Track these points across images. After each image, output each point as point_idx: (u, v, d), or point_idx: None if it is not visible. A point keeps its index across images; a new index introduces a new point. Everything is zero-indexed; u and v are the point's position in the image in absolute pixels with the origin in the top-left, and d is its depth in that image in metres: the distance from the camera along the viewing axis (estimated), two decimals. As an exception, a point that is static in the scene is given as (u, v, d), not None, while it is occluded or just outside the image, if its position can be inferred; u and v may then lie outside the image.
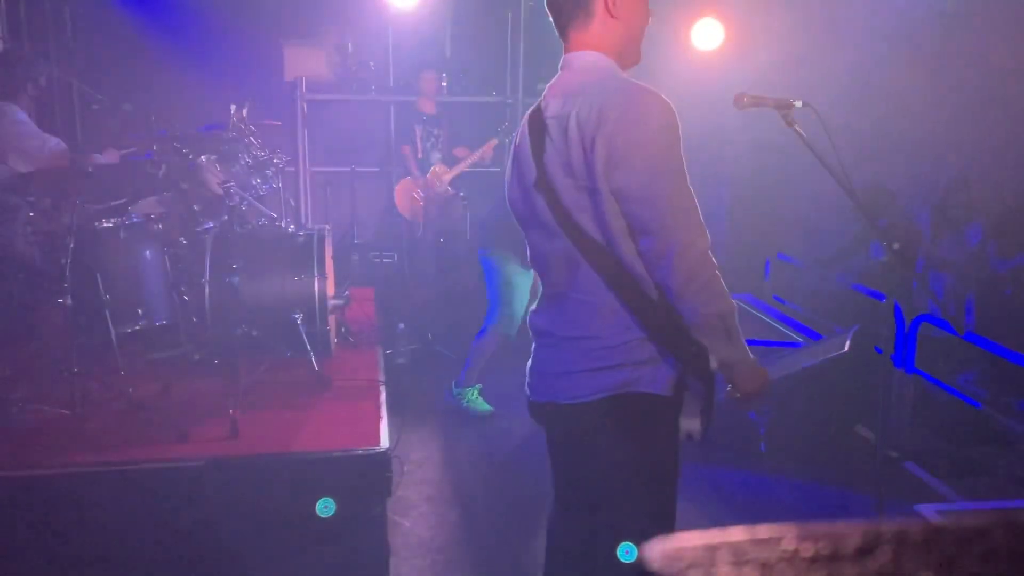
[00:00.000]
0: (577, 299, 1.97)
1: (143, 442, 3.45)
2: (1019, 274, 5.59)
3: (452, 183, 7.03)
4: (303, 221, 7.19)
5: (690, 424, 2.06)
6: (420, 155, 7.04)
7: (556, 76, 2.04)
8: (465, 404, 4.91)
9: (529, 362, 2.14)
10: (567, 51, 2.03)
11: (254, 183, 4.79)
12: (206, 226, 4.46)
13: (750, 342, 2.01)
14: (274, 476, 3.34)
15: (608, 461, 2.02)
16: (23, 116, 4.72)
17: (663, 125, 1.86)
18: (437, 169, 7.00)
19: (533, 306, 2.16)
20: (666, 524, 2.12)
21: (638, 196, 1.85)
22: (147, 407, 3.75)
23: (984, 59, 5.99)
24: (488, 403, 4.93)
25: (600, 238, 1.92)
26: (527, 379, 2.14)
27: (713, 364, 2.01)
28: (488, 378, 5.05)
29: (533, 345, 2.13)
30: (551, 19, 2.06)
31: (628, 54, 2.04)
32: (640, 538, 2.21)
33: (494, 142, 6.87)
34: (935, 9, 6.52)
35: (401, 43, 8.09)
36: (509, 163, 2.14)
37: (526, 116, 2.06)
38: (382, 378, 4.40)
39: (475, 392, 4.92)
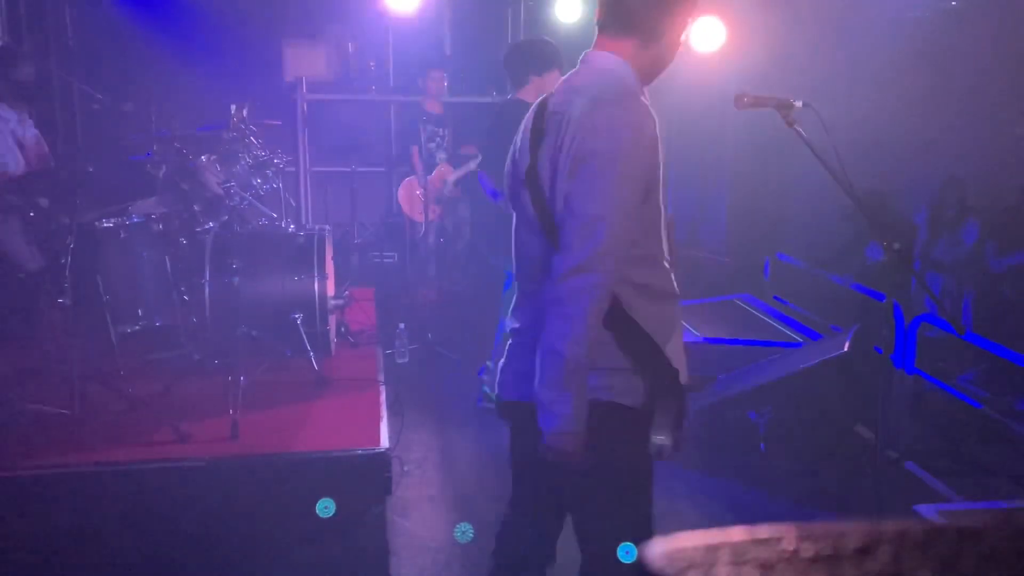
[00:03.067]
0: None
1: (143, 442, 3.45)
2: (1016, 273, 5.59)
3: (457, 183, 7.01)
4: (303, 221, 7.19)
5: (661, 440, 2.01)
6: (424, 154, 7.03)
7: (572, 71, 2.01)
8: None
9: (502, 361, 2.12)
10: (596, 48, 1.99)
11: (254, 183, 4.78)
12: (206, 226, 4.45)
13: (749, 342, 2.00)
14: (274, 476, 3.34)
15: (575, 468, 1.96)
16: (7, 114, 4.72)
17: (634, 146, 1.81)
18: (442, 169, 6.99)
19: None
20: (642, 536, 2.10)
21: (570, 204, 1.81)
22: (147, 407, 3.75)
23: (981, 58, 6.00)
24: None
25: (557, 223, 1.87)
26: (497, 377, 2.13)
27: (684, 379, 1.98)
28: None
29: (508, 344, 2.12)
30: (602, 17, 1.98)
31: (652, 74, 2.02)
32: (614, 549, 2.16)
33: None
34: (933, 8, 6.52)
35: (401, 43, 8.09)
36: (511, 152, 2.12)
37: (533, 106, 2.04)
38: (382, 378, 4.40)
39: None
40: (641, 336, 1.91)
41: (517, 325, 2.08)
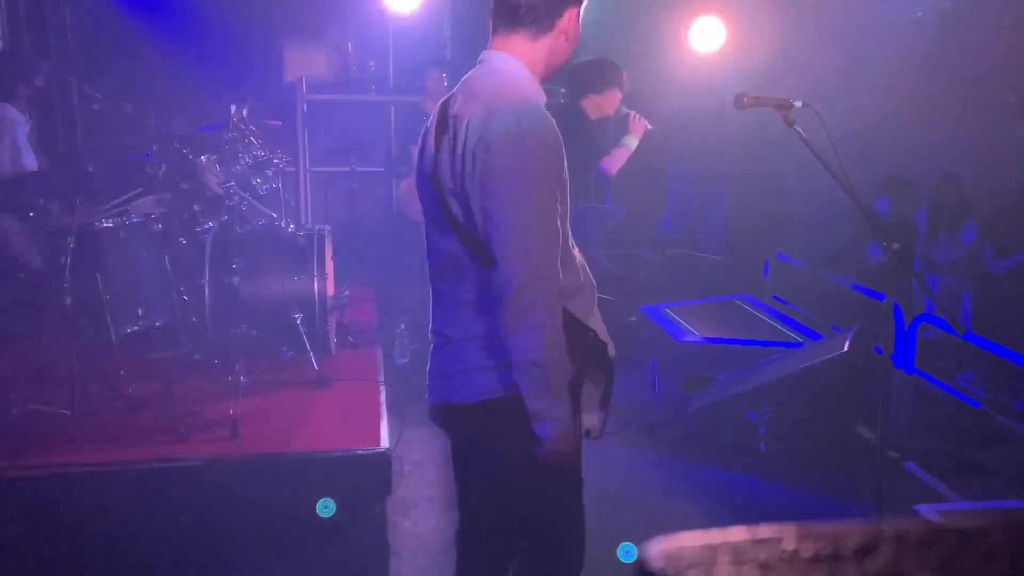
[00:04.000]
0: (465, 299, 1.93)
1: (143, 442, 3.45)
2: (1015, 273, 5.59)
3: None
4: (303, 221, 7.18)
5: (589, 419, 1.99)
6: None
7: (472, 70, 2.01)
8: None
9: (428, 366, 2.11)
10: (491, 47, 2.00)
11: (254, 183, 4.78)
12: (206, 226, 4.46)
13: (749, 342, 1.99)
14: (274, 476, 3.34)
15: (504, 467, 1.97)
16: (15, 116, 4.73)
17: (539, 152, 1.81)
18: None
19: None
20: (575, 536, 2.10)
21: (494, 219, 1.82)
22: (147, 407, 3.75)
23: (981, 58, 6.00)
24: None
25: (483, 239, 1.87)
26: (427, 382, 2.11)
27: (611, 352, 1.99)
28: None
29: (431, 348, 2.11)
30: (495, 16, 1.99)
31: (551, 71, 2.03)
32: (552, 549, 2.14)
33: None
34: (932, 9, 6.53)
35: (401, 43, 8.08)
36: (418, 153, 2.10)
37: (438, 105, 2.03)
38: (382, 378, 4.41)
39: None
40: (564, 316, 1.90)
41: (434, 326, 2.07)
